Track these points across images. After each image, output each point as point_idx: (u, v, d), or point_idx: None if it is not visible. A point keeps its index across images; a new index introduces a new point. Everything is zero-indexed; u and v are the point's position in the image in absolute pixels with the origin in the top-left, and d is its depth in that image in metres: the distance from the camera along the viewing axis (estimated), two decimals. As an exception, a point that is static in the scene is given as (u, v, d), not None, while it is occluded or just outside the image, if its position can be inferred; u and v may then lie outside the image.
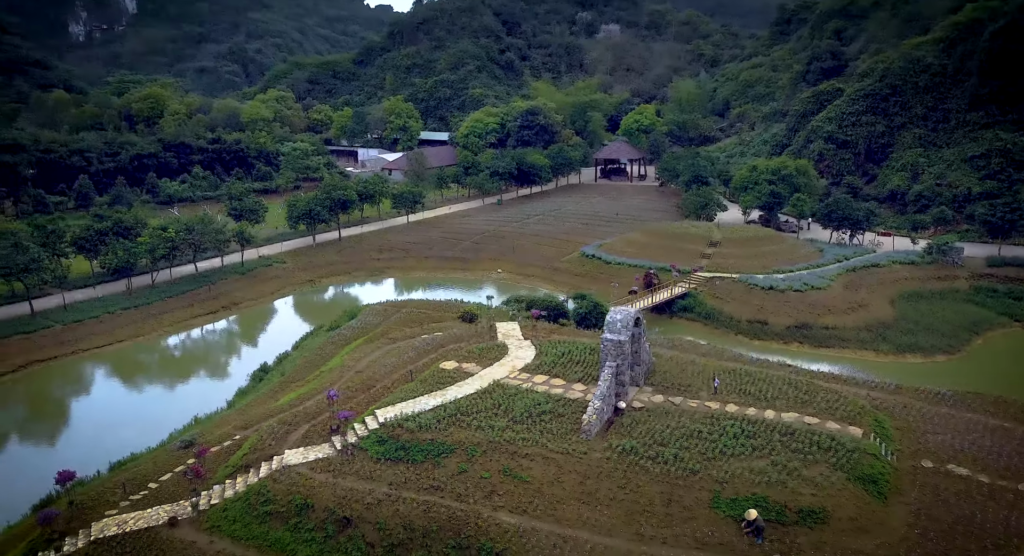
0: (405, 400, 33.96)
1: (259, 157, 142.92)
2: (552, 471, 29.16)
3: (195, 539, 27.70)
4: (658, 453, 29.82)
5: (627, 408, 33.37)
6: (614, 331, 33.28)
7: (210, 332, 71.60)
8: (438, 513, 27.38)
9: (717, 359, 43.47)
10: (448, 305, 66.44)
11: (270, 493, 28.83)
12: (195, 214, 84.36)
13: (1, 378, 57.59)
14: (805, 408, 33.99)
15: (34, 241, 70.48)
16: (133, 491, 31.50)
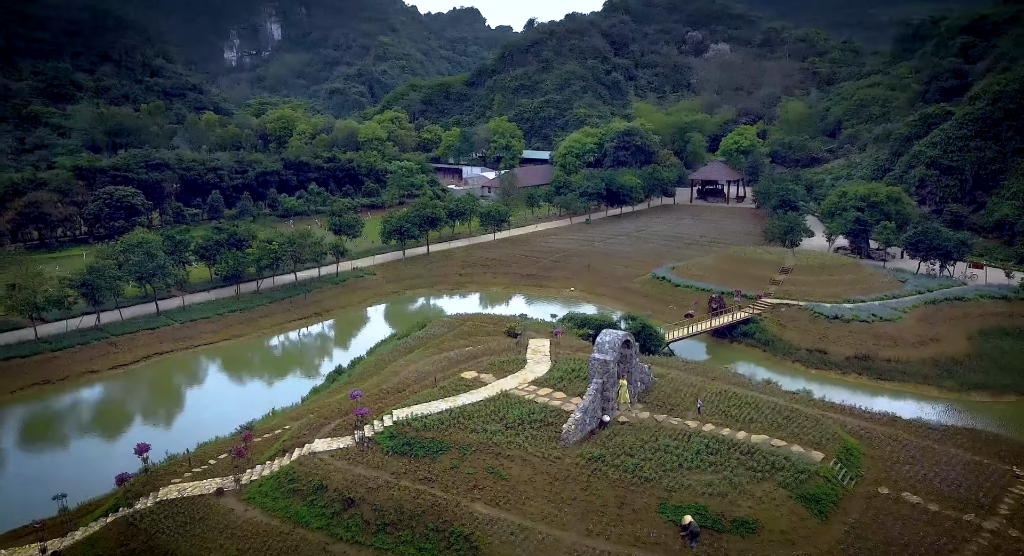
0: (420, 403, 38.97)
1: (368, 174, 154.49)
2: (528, 472, 33.10)
3: (234, 507, 33.95)
4: (622, 462, 32.86)
5: (612, 422, 36.62)
6: (602, 351, 36.72)
7: (302, 335, 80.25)
8: (425, 500, 32.07)
9: (725, 382, 45.43)
10: (506, 320, 71.07)
11: (295, 474, 34.68)
12: (299, 228, 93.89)
13: (129, 366, 68.21)
14: (778, 431, 35.80)
15: (164, 250, 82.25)
16: (196, 465, 38.52)
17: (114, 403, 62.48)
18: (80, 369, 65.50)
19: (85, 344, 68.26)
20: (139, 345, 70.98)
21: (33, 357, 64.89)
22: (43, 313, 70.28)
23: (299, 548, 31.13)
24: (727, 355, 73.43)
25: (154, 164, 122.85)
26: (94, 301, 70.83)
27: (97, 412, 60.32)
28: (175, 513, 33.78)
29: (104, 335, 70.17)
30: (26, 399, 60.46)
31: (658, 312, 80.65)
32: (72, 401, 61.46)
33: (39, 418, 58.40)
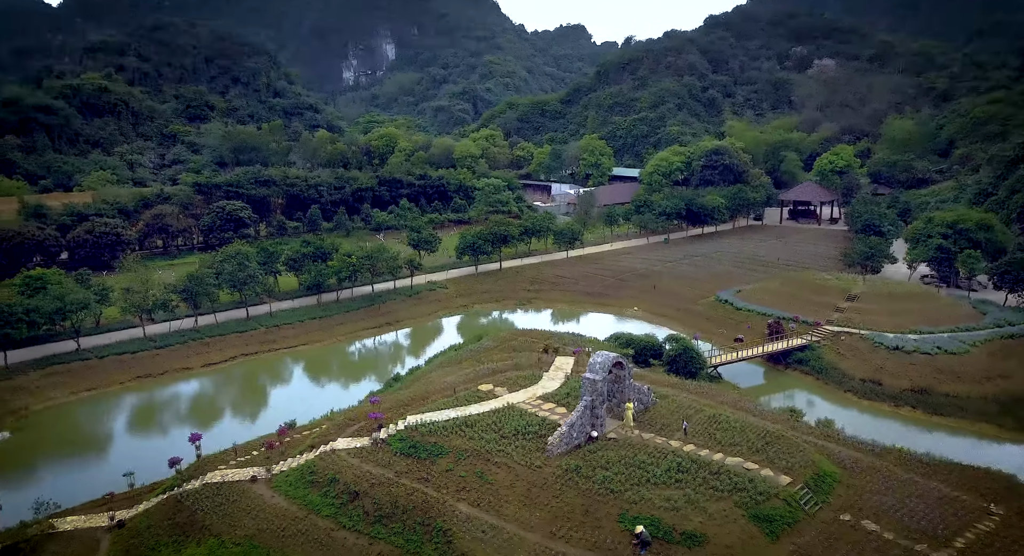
0: (434, 410, 43.03)
1: (457, 191, 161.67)
2: (511, 478, 36.28)
3: (263, 493, 39.25)
4: (594, 474, 35.28)
5: (601, 437, 39.14)
6: (593, 371, 39.38)
7: (372, 343, 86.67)
8: (417, 497, 35.98)
9: (730, 407, 46.61)
10: (556, 337, 74.08)
11: (315, 468, 39.61)
12: (374, 243, 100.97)
13: (218, 365, 76.68)
14: (755, 455, 37.08)
15: (257, 260, 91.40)
16: (241, 455, 44.43)
17: (199, 396, 70.73)
18: (177, 365, 74.49)
19: (183, 343, 77.46)
20: (229, 346, 79.56)
21: (140, 353, 74.51)
22: (152, 315, 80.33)
23: (308, 532, 35.85)
24: (779, 381, 73.11)
25: (262, 181, 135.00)
26: (193, 305, 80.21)
27: (183, 404, 68.64)
28: (215, 494, 39.52)
29: (200, 336, 79.25)
30: (129, 389, 69.66)
31: (716, 335, 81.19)
32: (165, 393, 70.11)
33: (134, 406, 67.29)
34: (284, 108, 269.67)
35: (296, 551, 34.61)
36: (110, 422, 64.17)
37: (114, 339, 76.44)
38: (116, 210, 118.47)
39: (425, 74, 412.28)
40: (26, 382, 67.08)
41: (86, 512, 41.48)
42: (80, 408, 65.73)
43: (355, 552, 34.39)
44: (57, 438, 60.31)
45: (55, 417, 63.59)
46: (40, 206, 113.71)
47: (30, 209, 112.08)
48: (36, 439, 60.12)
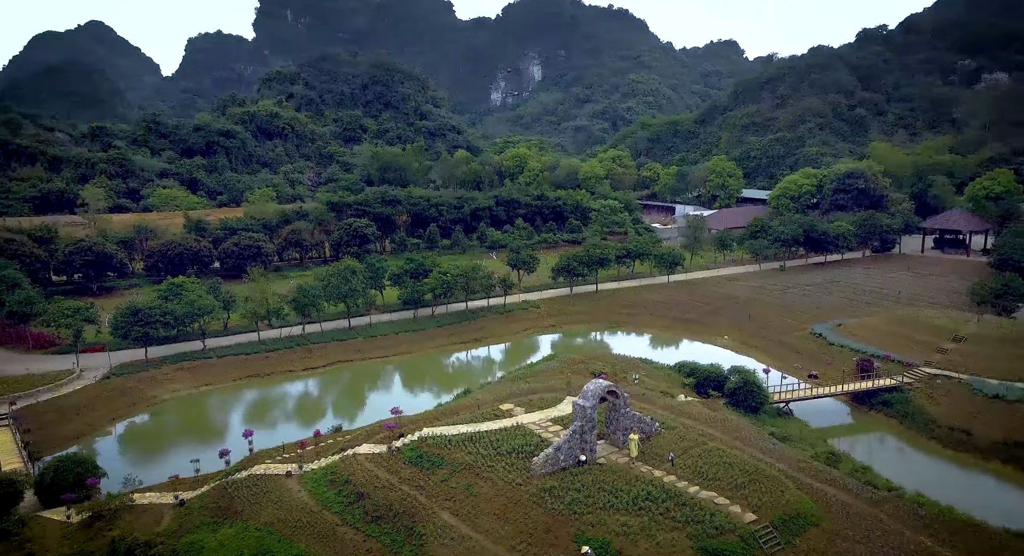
0: (450, 424, 46.54)
1: (574, 212, 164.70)
2: (493, 492, 38.80)
3: (292, 487, 44.61)
4: (565, 496, 36.78)
5: (589, 462, 40.64)
6: (584, 398, 40.95)
7: (456, 358, 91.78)
8: (409, 503, 39.53)
9: (745, 444, 45.89)
10: (625, 362, 74.89)
11: (336, 468, 44.45)
12: (470, 262, 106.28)
13: (317, 369, 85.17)
14: (731, 490, 37.03)
15: (364, 275, 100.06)
16: (288, 452, 50.46)
17: (290, 396, 79.01)
18: (282, 368, 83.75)
19: (290, 348, 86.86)
20: (329, 353, 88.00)
21: (252, 355, 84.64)
22: (271, 322, 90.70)
23: (317, 525, 40.53)
24: (858, 423, 69.26)
25: (388, 200, 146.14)
26: (301, 314, 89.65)
27: (276, 401, 77.21)
28: (254, 485, 45.53)
29: (305, 342, 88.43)
30: (239, 386, 79.46)
31: (803, 370, 78.12)
32: (265, 392, 79.18)
33: (237, 401, 76.76)
34: (429, 129, 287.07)
35: (302, 540, 39.37)
36: (214, 413, 73.88)
37: (234, 341, 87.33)
38: (261, 225, 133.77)
39: (568, 94, 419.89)
40: (160, 374, 78.73)
41: (160, 490, 49.22)
42: (196, 399, 76.07)
43: (350, 547, 38.56)
44: (173, 423, 70.70)
45: (176, 406, 74.24)
46: (200, 221, 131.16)
47: (192, 224, 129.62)
48: (159, 423, 70.87)
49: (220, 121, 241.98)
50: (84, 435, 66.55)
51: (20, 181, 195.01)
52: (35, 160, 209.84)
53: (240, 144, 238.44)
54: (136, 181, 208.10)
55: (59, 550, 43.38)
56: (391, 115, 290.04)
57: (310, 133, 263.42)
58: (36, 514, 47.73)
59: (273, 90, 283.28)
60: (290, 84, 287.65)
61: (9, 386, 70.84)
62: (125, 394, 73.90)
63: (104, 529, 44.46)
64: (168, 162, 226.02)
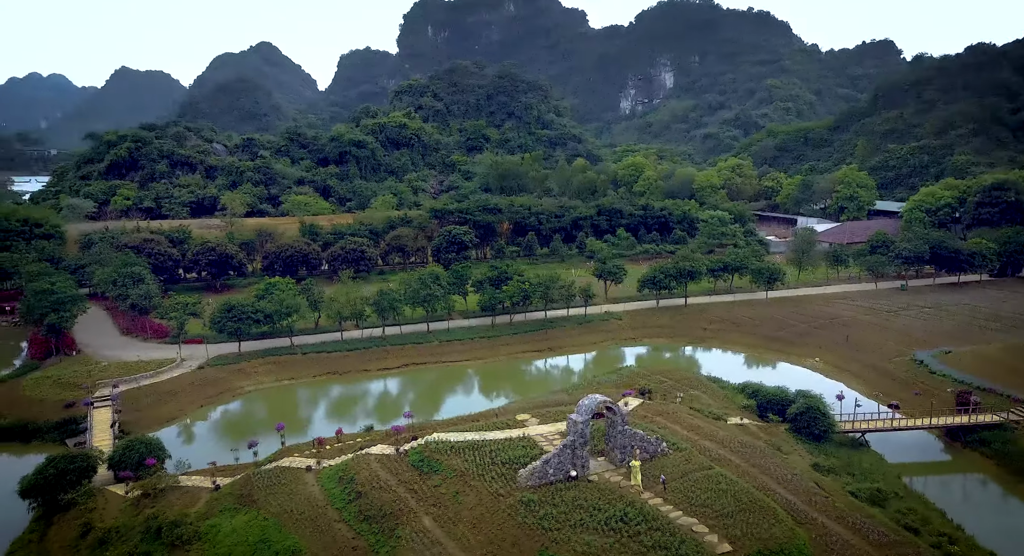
0: (460, 431, 46.95)
1: (681, 222, 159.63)
2: (476, 501, 38.56)
3: (308, 481, 46.71)
4: (541, 510, 36.18)
5: (580, 478, 39.50)
6: (578, 413, 39.82)
7: (527, 365, 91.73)
8: (398, 505, 40.20)
9: (759, 472, 42.47)
10: (690, 380, 71.85)
11: (347, 466, 46.08)
12: (549, 272, 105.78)
13: (391, 370, 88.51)
14: (715, 519, 35.15)
15: (448, 280, 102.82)
16: (320, 448, 52.99)
17: (358, 394, 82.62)
18: (358, 367, 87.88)
19: (368, 349, 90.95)
20: (404, 355, 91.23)
21: (333, 353, 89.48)
22: (358, 322, 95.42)
23: (317, 518, 42.30)
24: (948, 461, 62.22)
25: (489, 208, 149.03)
26: (381, 317, 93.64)
27: (344, 397, 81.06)
28: (277, 475, 48.31)
29: (383, 344, 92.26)
30: (317, 382, 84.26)
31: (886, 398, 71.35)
32: (338, 388, 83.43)
33: (311, 395, 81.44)
34: (550, 138, 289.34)
35: (299, 532, 41.31)
36: (287, 406, 78.79)
37: (319, 340, 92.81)
38: (368, 230, 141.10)
39: (700, 101, 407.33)
40: (249, 367, 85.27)
41: (203, 474, 53.41)
42: (276, 392, 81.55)
43: (339, 543, 39.98)
44: (250, 413, 76.43)
45: (257, 397, 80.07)
46: (313, 225, 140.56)
47: (306, 228, 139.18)
48: (238, 412, 76.88)
49: (353, 132, 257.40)
50: (174, 418, 73.44)
51: (181, 187, 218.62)
52: (195, 168, 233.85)
53: (370, 153, 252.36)
54: (277, 188, 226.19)
55: (110, 522, 48.32)
56: (513, 124, 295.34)
57: (435, 143, 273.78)
58: (105, 488, 53.36)
59: (403, 101, 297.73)
60: (419, 96, 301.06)
61: (119, 371, 79.70)
62: (215, 384, 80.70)
63: (147, 506, 49.01)
64: (305, 170, 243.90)
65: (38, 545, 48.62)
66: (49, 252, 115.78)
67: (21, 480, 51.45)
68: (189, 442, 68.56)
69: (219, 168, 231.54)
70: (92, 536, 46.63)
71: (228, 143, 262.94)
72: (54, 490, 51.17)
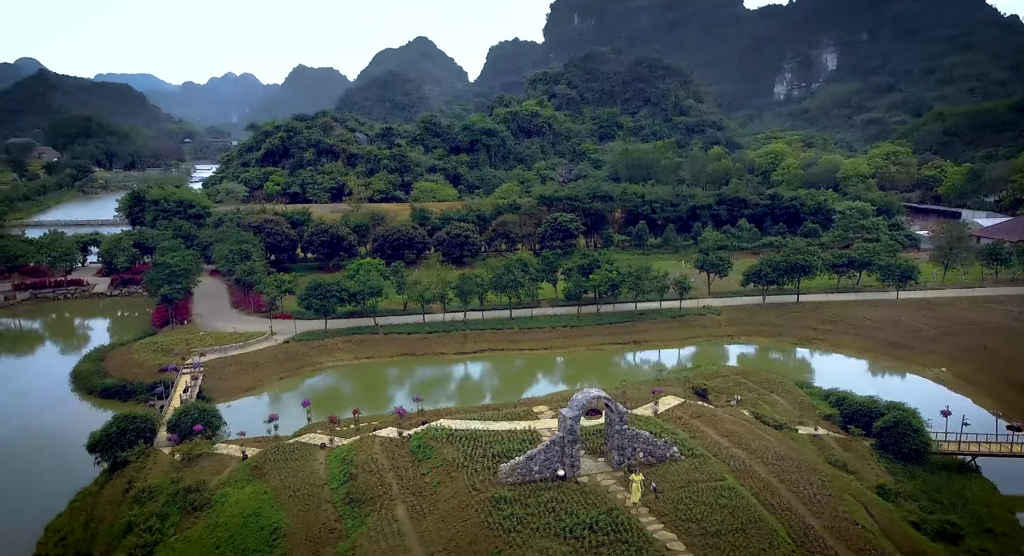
0: (467, 419, 44.46)
1: (814, 213, 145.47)
2: (452, 493, 35.82)
3: (316, 458, 45.94)
4: (507, 510, 33.35)
5: (570, 479, 35.56)
6: (570, 408, 35.94)
7: (607, 357, 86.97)
8: (380, 490, 38.29)
9: (785, 488, 35.94)
10: (760, 381, 64.69)
11: (351, 447, 45.10)
12: (639, 261, 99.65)
13: (467, 354, 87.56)
14: (699, 536, 31.26)
15: (537, 268, 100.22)
16: (334, 426, 52.52)
17: (427, 376, 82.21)
18: (435, 350, 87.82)
19: (447, 332, 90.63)
20: (482, 340, 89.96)
21: (413, 335, 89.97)
22: (445, 304, 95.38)
23: (309, 497, 41.46)
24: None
25: (599, 195, 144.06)
26: (464, 301, 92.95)
27: (412, 379, 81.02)
28: (295, 449, 48.43)
29: (463, 328, 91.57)
30: (393, 363, 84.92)
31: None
32: (410, 370, 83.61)
33: (384, 375, 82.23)
34: (687, 126, 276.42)
35: (291, 508, 40.88)
36: (358, 383, 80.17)
37: (402, 321, 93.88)
38: (476, 216, 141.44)
39: (866, 83, 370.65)
40: (331, 344, 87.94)
41: (237, 444, 54.90)
42: (352, 369, 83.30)
43: (321, 523, 39.05)
44: (322, 387, 78.53)
45: (334, 372, 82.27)
46: (424, 210, 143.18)
47: (416, 213, 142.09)
48: (312, 385, 79.23)
49: (485, 120, 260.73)
50: (251, 389, 77.07)
51: (325, 174, 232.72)
52: (338, 156, 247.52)
53: (500, 142, 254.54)
54: (410, 175, 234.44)
55: (151, 482, 50.91)
56: (648, 112, 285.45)
57: (566, 131, 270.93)
58: (160, 449, 56.56)
59: (538, 90, 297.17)
60: (554, 84, 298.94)
61: (214, 340, 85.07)
62: (297, 358, 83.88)
63: (183, 470, 51.14)
64: (437, 158, 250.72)
65: (93, 497, 52.21)
66: (185, 230, 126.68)
67: (90, 436, 55.65)
68: (255, 412, 71.45)
69: (359, 156, 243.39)
70: (132, 493, 49.30)
71: (369, 132, 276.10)
72: (115, 447, 54.94)
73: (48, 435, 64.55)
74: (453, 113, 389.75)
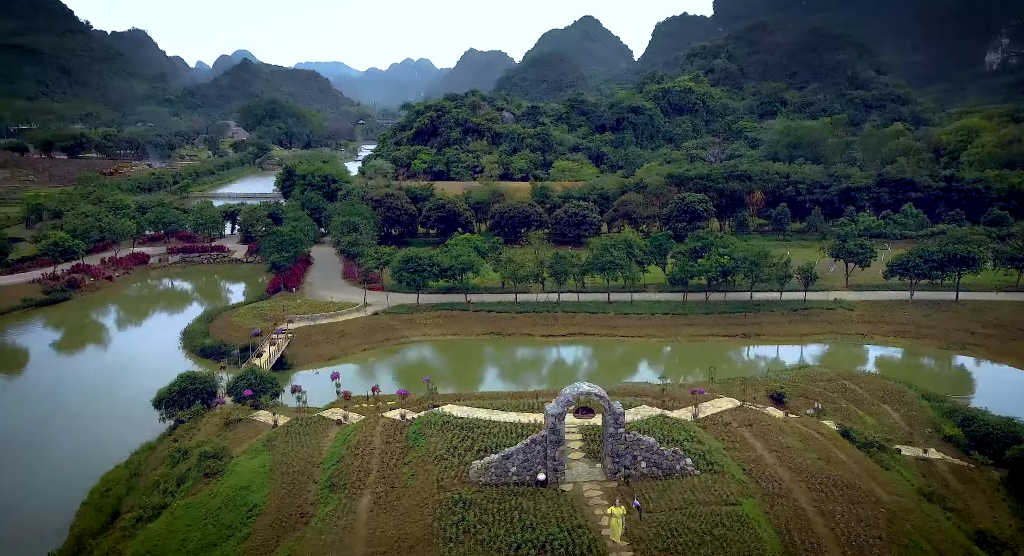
0: (475, 406, 39.85)
1: (1004, 198, 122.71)
2: (419, 487, 31.61)
3: (328, 433, 42.83)
4: (457, 514, 29.00)
5: (552, 484, 29.75)
6: (557, 402, 29.90)
7: (702, 349, 77.64)
8: (358, 478, 34.71)
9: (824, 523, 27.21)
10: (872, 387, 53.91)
11: (357, 427, 42.09)
12: (756, 245, 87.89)
13: (554, 337, 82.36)
14: None
15: (645, 249, 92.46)
16: (372, 402, 49.88)
17: (509, 357, 78.17)
18: (523, 330, 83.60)
19: (537, 313, 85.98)
20: (573, 324, 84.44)
21: (502, 314, 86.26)
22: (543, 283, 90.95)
23: (298, 475, 38.64)
24: None
25: (736, 175, 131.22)
26: (557, 281, 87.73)
27: (490, 358, 77.37)
28: (315, 422, 46.42)
29: (554, 310, 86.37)
30: (479, 341, 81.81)
31: None
32: (495, 350, 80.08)
33: (462, 351, 79.33)
34: (864, 101, 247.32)
35: (277, 486, 38.62)
36: (433, 358, 78.04)
37: (494, 299, 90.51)
38: (598, 195, 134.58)
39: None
40: (420, 318, 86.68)
41: (272, 412, 54.14)
42: (435, 345, 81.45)
43: (297, 505, 36.27)
44: (403, 360, 77.30)
45: (416, 347, 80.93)
46: (544, 188, 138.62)
47: (537, 191, 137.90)
48: (395, 358, 78.28)
49: (633, 98, 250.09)
50: (334, 358, 77.44)
51: (468, 152, 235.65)
52: (483, 135, 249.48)
53: (647, 120, 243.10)
54: (553, 154, 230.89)
55: (192, 442, 51.55)
56: (819, 86, 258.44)
57: (722, 108, 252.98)
58: (215, 411, 57.51)
59: (694, 65, 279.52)
60: (713, 58, 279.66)
61: (309, 308, 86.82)
62: (384, 330, 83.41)
63: (222, 433, 51.29)
64: (581, 137, 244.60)
65: (147, 453, 53.98)
66: (315, 203, 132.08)
67: (157, 393, 57.71)
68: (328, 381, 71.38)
69: (503, 135, 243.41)
70: (168, 452, 50.26)
71: (516, 111, 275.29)
72: (175, 405, 56.62)
73: (151, 388, 68.24)
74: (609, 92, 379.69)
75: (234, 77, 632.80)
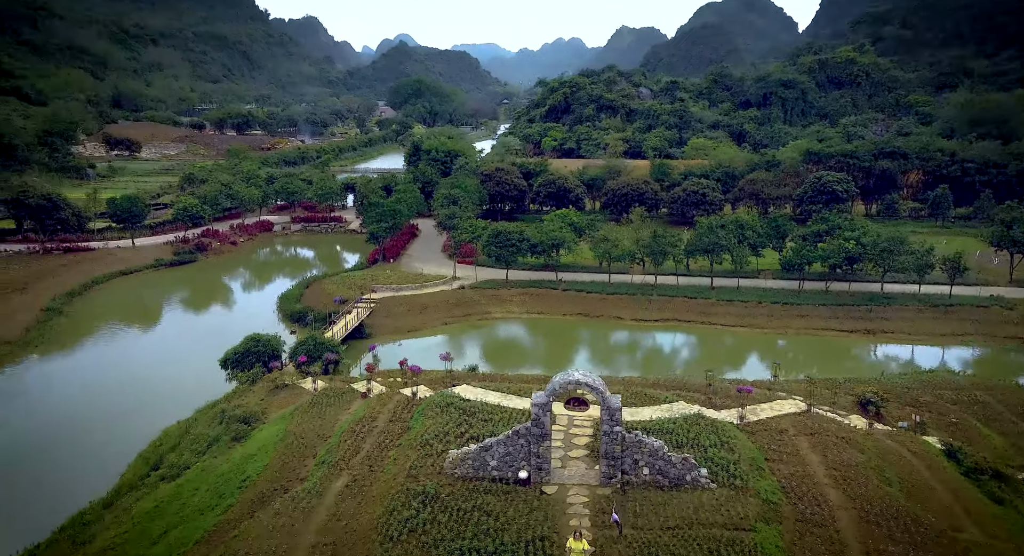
0: (487, 389, 35.60)
1: None
2: (392, 474, 28.69)
3: (349, 405, 40.28)
4: (410, 510, 25.52)
5: (534, 484, 24.92)
6: (544, 392, 24.93)
7: (808, 345, 67.81)
8: (342, 461, 31.62)
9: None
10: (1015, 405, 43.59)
11: (373, 400, 39.36)
12: (886, 230, 75.15)
13: (648, 322, 75.30)
14: None
15: (762, 230, 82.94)
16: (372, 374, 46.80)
17: (589, 340, 72.54)
18: (612, 313, 77.64)
19: (630, 295, 79.57)
20: (669, 309, 77.25)
21: (592, 294, 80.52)
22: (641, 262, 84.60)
23: (305, 449, 36.41)
24: None
25: (888, 152, 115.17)
26: (655, 262, 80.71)
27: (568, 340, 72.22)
28: (342, 393, 44.50)
29: (649, 293, 79.44)
30: (565, 322, 76.64)
31: None
32: (574, 331, 74.93)
33: (542, 331, 74.89)
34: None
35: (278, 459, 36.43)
36: (506, 337, 74.28)
37: (587, 278, 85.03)
38: (723, 173, 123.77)
39: None
40: (506, 295, 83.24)
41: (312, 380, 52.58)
42: (516, 323, 77.76)
43: (283, 481, 33.88)
44: (477, 336, 74.37)
45: (495, 324, 77.71)
46: (663, 165, 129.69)
47: (655, 168, 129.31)
48: (470, 333, 75.53)
49: (784, 71, 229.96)
50: (413, 330, 75.98)
51: (601, 130, 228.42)
52: (617, 112, 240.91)
53: (799, 94, 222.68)
54: (690, 131, 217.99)
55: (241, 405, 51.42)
56: (1015, 53, 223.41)
57: (889, 80, 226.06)
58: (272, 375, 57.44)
59: (860, 34, 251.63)
60: (883, 25, 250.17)
61: (397, 279, 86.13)
62: (467, 305, 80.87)
63: (268, 397, 50.78)
64: (723, 114, 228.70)
65: (209, 410, 54.83)
66: (428, 176, 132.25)
67: (225, 352, 58.62)
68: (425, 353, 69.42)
69: (638, 111, 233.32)
70: (214, 412, 50.54)
71: (654, 87, 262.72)
72: (239, 366, 57.24)
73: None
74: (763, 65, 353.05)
75: (391, 59, 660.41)
